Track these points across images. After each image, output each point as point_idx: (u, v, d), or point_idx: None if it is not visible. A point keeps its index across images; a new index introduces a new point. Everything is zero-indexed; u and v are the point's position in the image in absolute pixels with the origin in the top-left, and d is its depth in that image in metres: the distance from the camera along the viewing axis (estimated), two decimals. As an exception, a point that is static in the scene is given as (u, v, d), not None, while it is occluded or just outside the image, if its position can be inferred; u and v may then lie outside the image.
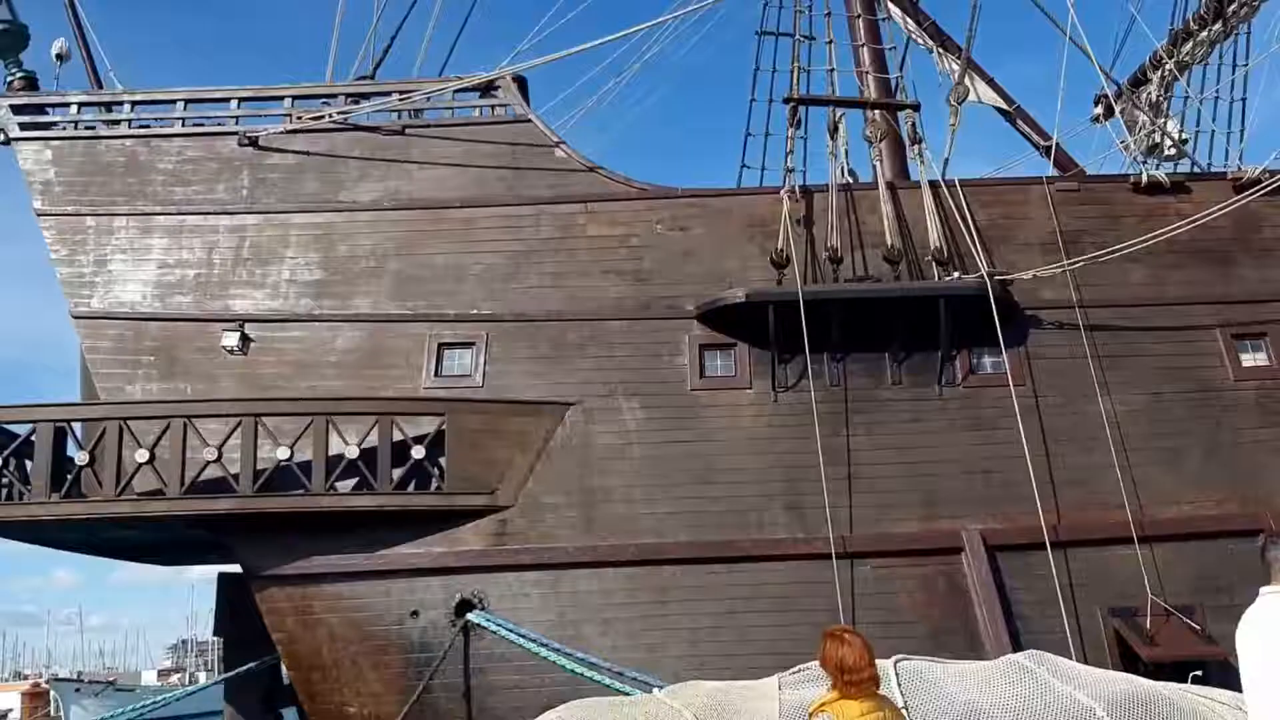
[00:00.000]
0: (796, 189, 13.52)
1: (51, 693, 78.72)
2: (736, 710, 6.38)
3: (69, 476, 11.92)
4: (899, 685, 6.53)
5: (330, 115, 13.61)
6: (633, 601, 12.05)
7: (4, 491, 11.88)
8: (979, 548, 12.09)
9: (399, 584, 12.00)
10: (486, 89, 14.07)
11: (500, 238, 13.48)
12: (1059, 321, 13.20)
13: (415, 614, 11.91)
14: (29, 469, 12.02)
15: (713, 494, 12.41)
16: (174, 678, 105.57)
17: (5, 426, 12.18)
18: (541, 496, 12.33)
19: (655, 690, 6.98)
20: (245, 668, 13.25)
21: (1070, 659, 8.14)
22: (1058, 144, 15.44)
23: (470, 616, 11.70)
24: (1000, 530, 12.20)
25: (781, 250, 13.08)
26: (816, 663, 5.60)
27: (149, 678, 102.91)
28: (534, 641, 11.40)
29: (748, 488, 12.44)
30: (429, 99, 13.94)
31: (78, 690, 75.93)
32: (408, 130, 13.87)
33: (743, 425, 12.75)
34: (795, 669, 6.88)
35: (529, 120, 13.93)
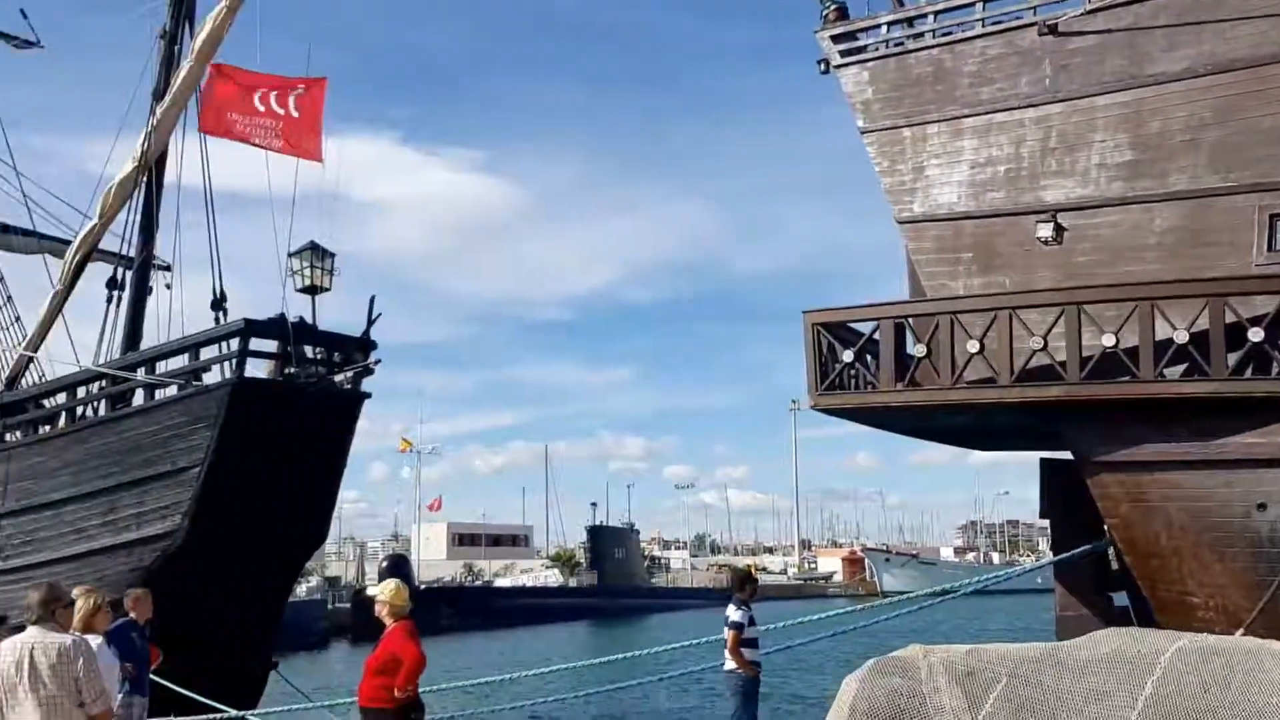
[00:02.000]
0: None
1: (865, 560, 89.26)
2: None
3: (908, 369, 13.19)
4: None
5: (1133, -14, 12.91)
6: None
7: (854, 382, 13.54)
8: None
9: (1241, 475, 11.32)
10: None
11: (1342, 87, 11.76)
12: None
13: (1262, 507, 11.16)
14: (869, 362, 13.54)
15: None
16: (969, 555, 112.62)
17: (851, 325, 13.83)
18: None
19: None
20: (1076, 551, 13.53)
21: None
22: None
23: (1332, 512, 10.66)
24: None
25: None
26: None
27: (946, 553, 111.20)
28: None
29: None
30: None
31: (887, 560, 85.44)
32: (1221, -17, 12.62)
33: None
34: None
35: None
